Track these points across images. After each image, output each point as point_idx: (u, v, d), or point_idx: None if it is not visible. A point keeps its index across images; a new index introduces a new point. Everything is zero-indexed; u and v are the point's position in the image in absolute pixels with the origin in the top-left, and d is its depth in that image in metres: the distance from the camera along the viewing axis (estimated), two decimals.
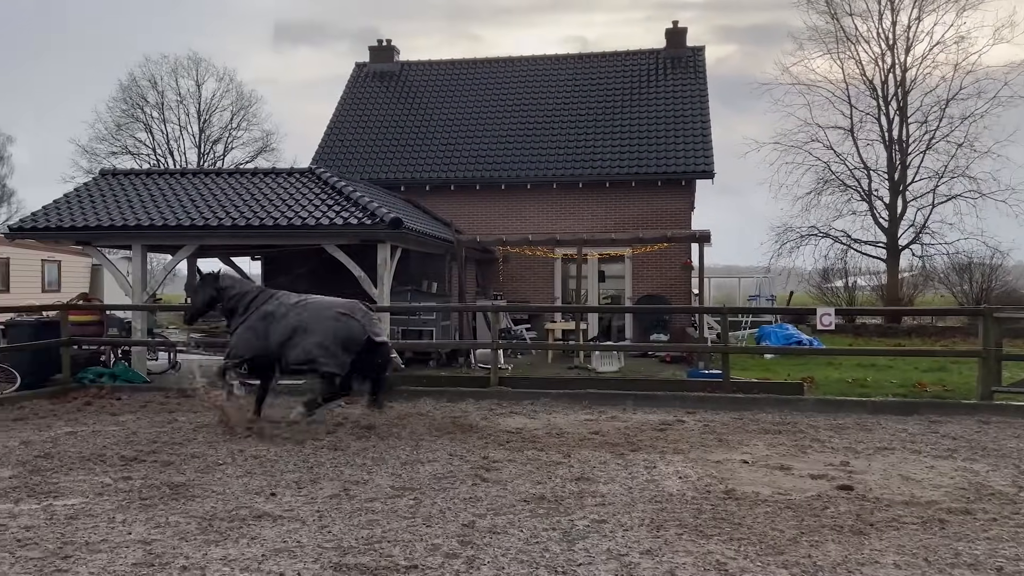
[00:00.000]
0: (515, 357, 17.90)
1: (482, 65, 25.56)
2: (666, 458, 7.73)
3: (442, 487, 6.64)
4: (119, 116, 42.84)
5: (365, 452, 8.01)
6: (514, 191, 21.33)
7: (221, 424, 9.19)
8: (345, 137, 23.52)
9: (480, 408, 10.81)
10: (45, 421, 9.81)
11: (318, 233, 13.58)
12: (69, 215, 14.14)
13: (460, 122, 23.40)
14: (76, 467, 7.30)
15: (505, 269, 20.82)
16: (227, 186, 15.13)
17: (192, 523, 5.61)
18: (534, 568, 4.75)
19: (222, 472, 7.14)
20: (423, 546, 5.14)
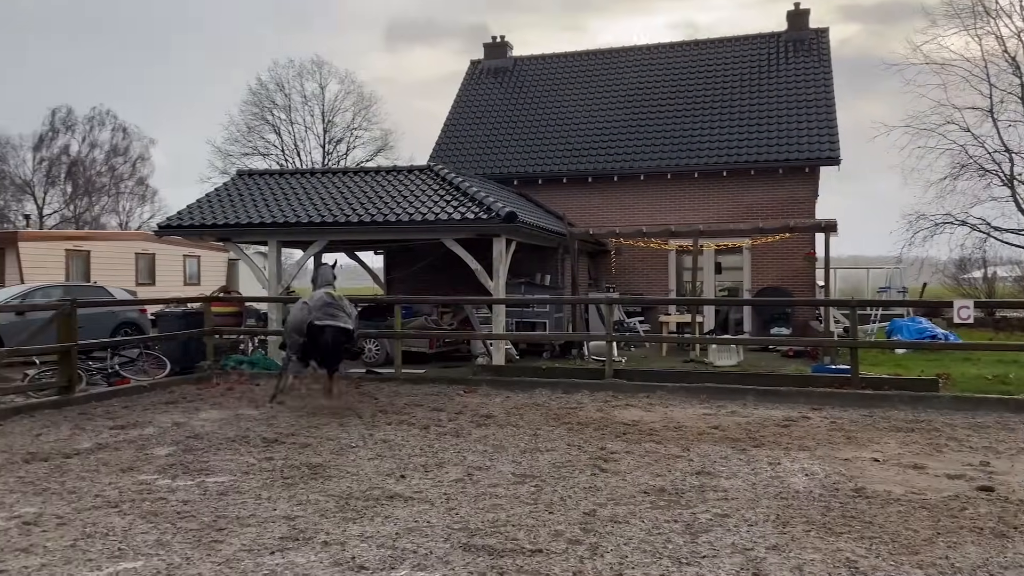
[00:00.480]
0: (628, 350, 17.81)
1: (594, 57, 25.47)
2: (791, 454, 7.55)
3: (562, 476, 6.76)
4: (250, 119, 45.37)
5: (485, 439, 8.25)
6: (627, 182, 21.18)
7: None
8: (460, 133, 24.03)
9: (595, 400, 10.87)
10: (193, 404, 10.62)
11: (437, 228, 14.00)
12: (211, 213, 15.19)
13: (572, 114, 23.43)
14: (223, 447, 7.90)
15: (618, 261, 20.72)
16: (352, 184, 15.82)
17: (330, 501, 5.98)
18: (657, 558, 4.79)
19: (354, 454, 7.54)
20: (546, 532, 5.28)
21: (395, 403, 10.58)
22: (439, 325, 16.48)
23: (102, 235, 28.63)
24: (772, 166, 19.90)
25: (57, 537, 5.17)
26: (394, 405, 10.41)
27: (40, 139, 54.98)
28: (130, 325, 17.35)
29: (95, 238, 26.70)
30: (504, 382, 12.19)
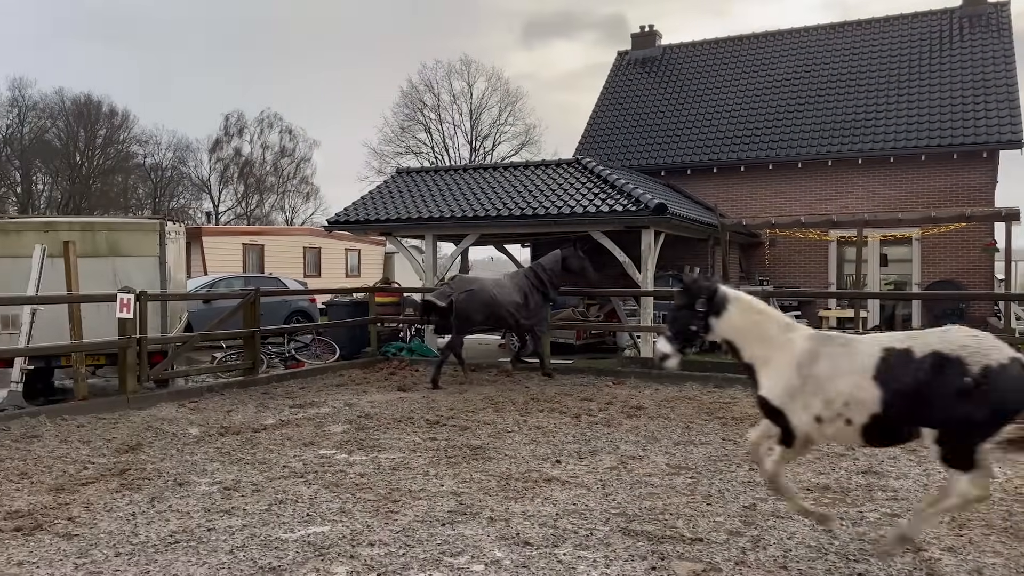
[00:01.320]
0: None
1: (747, 42, 24.63)
2: None
3: (718, 469, 6.73)
4: (402, 120, 47.42)
5: (637, 430, 8.31)
6: (783, 170, 20.38)
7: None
8: (607, 125, 23.99)
9: (749, 395, 10.59)
10: (360, 387, 11.37)
11: (585, 220, 14.13)
12: (373, 209, 16.11)
13: (723, 102, 22.81)
14: (391, 427, 8.44)
15: (772, 253, 20.01)
16: (503, 179, 16.26)
17: (492, 481, 6.28)
18: (823, 553, 4.71)
19: (511, 439, 7.84)
20: (706, 522, 5.31)
21: (545, 392, 10.84)
22: (586, 317, 16.62)
23: (274, 231, 30.99)
24: (945, 151, 18.50)
25: (253, 502, 5.77)
26: (544, 394, 10.66)
27: (216, 142, 60.08)
28: (301, 313, 18.72)
29: (268, 233, 28.94)
30: (653, 374, 12.16)
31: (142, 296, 9.68)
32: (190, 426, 8.45)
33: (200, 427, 8.41)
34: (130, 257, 10.40)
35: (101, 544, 4.84)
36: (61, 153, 56.11)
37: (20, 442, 7.60)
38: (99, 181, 57.69)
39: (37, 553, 4.68)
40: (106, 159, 58.16)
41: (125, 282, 9.86)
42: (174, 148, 60.51)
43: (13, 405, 9.24)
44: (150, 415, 8.90)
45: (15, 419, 8.38)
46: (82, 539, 4.93)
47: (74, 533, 5.04)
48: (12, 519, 5.29)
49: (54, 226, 10.36)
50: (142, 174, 60.12)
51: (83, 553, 4.68)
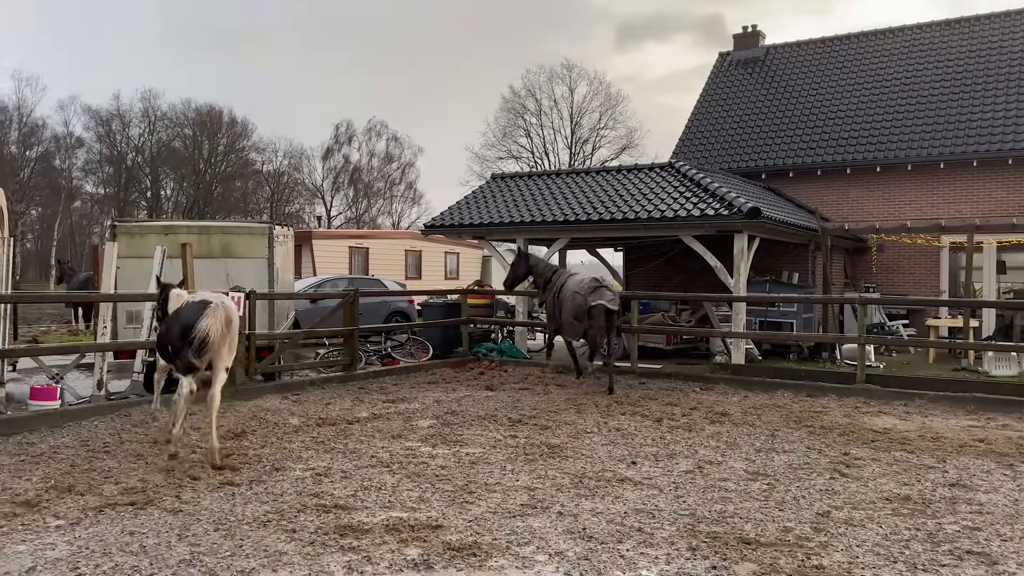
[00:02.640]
0: (888, 355, 16.51)
1: (855, 40, 23.73)
2: None
3: (797, 477, 6.66)
4: (504, 125, 48.14)
5: (718, 436, 8.29)
6: (891, 173, 19.55)
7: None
8: (706, 127, 23.65)
9: (843, 405, 10.36)
10: (450, 385, 11.77)
11: (676, 224, 14.06)
12: (468, 213, 16.58)
13: (829, 103, 22.07)
14: (475, 424, 8.75)
15: (879, 259, 19.22)
16: (595, 183, 16.38)
17: (566, 479, 6.47)
18: (891, 562, 4.65)
19: (589, 439, 8.00)
20: (775, 527, 5.31)
21: (629, 395, 10.90)
22: (676, 322, 16.50)
23: (378, 234, 32.18)
24: None
25: (341, 487, 6.18)
26: (628, 397, 10.73)
27: (327, 150, 62.78)
28: (399, 313, 19.44)
29: (372, 237, 30.10)
30: (743, 381, 12.00)
31: (251, 295, 10.40)
32: (290, 416, 9.04)
33: (299, 418, 8.98)
34: (241, 258, 11.18)
35: (202, 520, 5.33)
36: (187, 160, 60.09)
37: (139, 427, 8.35)
38: (221, 187, 61.40)
39: (147, 525, 5.21)
40: (227, 166, 61.86)
41: (236, 281, 10.61)
42: (289, 156, 63.72)
43: (134, 394, 10.12)
44: (255, 406, 9.55)
45: (136, 406, 9.19)
46: (186, 515, 5.44)
47: (179, 509, 5.56)
48: (127, 494, 5.88)
49: (173, 229, 11.28)
50: (260, 180, 63.55)
51: (185, 527, 5.18)
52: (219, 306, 6.81)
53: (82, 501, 5.69)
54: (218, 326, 6.70)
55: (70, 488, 5.97)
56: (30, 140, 56.07)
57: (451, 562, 4.62)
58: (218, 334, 6.69)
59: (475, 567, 4.56)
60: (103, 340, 9.84)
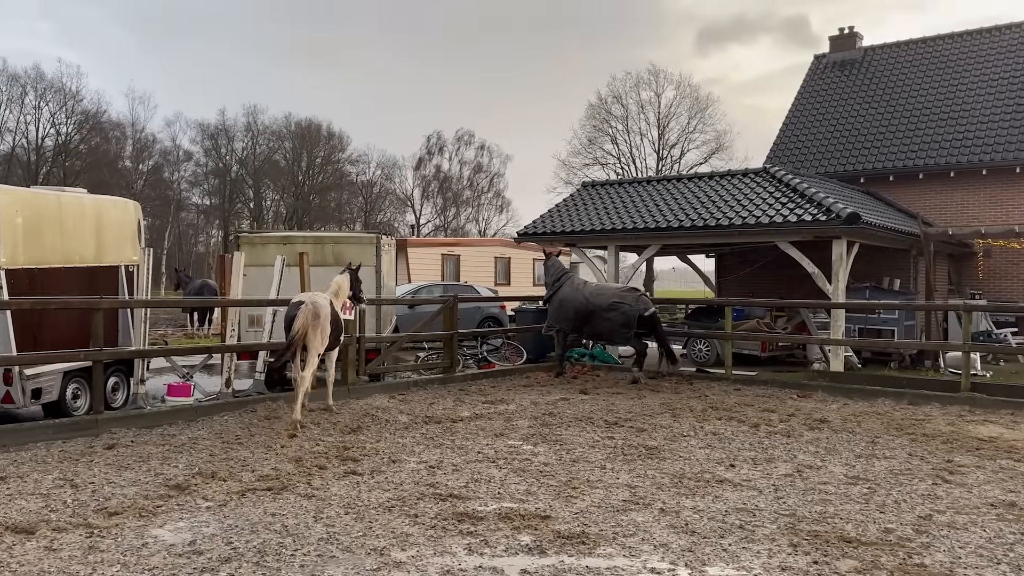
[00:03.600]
0: (996, 364, 15.91)
1: (956, 40, 22.91)
2: None
3: (899, 482, 6.70)
4: (590, 131, 48.34)
5: (818, 442, 8.34)
6: (999, 176, 18.82)
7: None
8: (802, 131, 23.29)
9: (947, 413, 10.17)
10: (545, 388, 12.14)
11: (771, 231, 14.02)
12: (560, 221, 16.95)
13: (930, 104, 21.40)
14: (572, 425, 9.08)
15: (985, 265, 18.52)
16: (686, 190, 16.47)
17: (665, 478, 6.72)
18: (995, 563, 4.72)
19: (686, 442, 8.21)
20: (875, 528, 5.43)
21: (725, 401, 11.00)
22: (771, 329, 16.37)
23: (469, 242, 32.94)
24: None
25: (454, 479, 6.62)
26: (724, 403, 10.83)
27: (419, 160, 64.43)
28: (492, 319, 19.97)
29: (463, 244, 30.86)
30: (842, 389, 11.89)
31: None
32: (399, 414, 9.60)
33: (408, 416, 9.53)
34: None
35: (333, 504, 5.86)
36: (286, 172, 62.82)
37: (264, 422, 9.06)
38: (318, 197, 63.87)
39: (285, 508, 5.77)
40: (324, 177, 64.29)
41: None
42: (382, 166, 65.71)
43: (257, 392, 10.92)
44: (367, 404, 10.17)
45: (260, 403, 9.94)
46: (318, 499, 5.99)
47: (312, 495, 6.12)
48: (264, 481, 6.49)
49: (291, 240, 12.10)
50: (354, 190, 65.79)
51: (320, 510, 5.71)
52: (308, 304, 8.69)
53: (225, 486, 6.32)
54: (302, 319, 8.55)
55: (213, 475, 6.63)
56: (142, 154, 59.86)
57: (562, 548, 4.97)
58: (305, 325, 8.54)
59: (584, 554, 4.89)
60: (231, 342, 10.67)
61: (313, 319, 8.61)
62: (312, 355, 8.71)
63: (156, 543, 5.02)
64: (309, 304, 8.67)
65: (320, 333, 8.67)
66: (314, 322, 8.61)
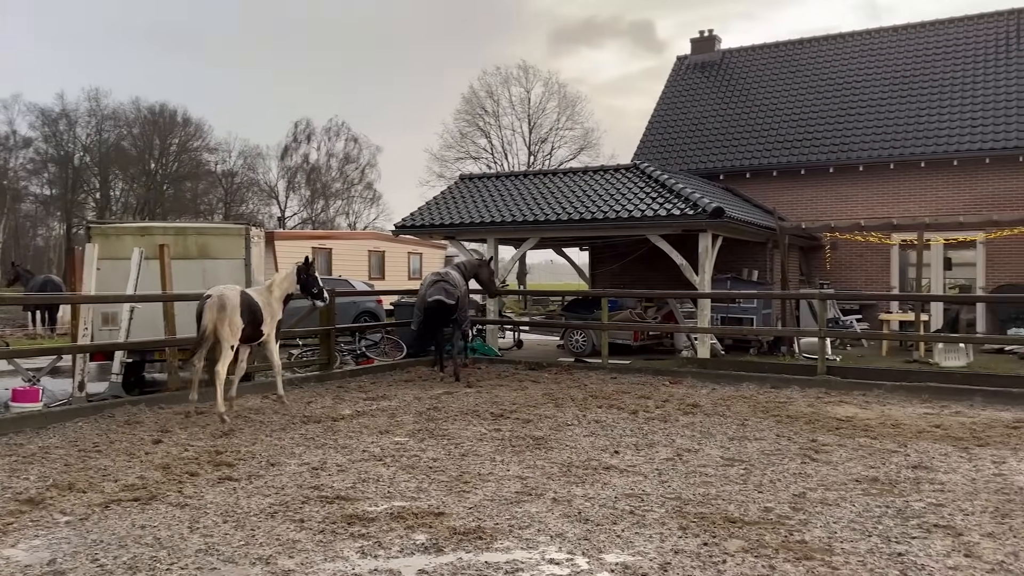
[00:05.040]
0: (844, 348, 17.19)
1: (808, 45, 24.57)
2: (1018, 455, 7.27)
3: (771, 462, 7.05)
4: (462, 126, 48.30)
5: (693, 426, 8.66)
6: (844, 174, 20.34)
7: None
8: (666, 130, 24.23)
9: (806, 395, 10.85)
10: (427, 383, 11.97)
11: (643, 224, 14.48)
12: (438, 214, 16.77)
13: (783, 106, 22.83)
14: (458, 419, 8.98)
15: (833, 257, 19.97)
16: (562, 184, 16.72)
17: (554, 468, 6.75)
18: (867, 535, 5.03)
19: (571, 431, 8.29)
20: (756, 507, 5.67)
21: (604, 389, 11.24)
22: (643, 319, 16.94)
23: (341, 234, 32.07)
24: (1010, 153, 18.23)
25: (340, 480, 6.36)
26: (603, 391, 11.07)
27: (285, 149, 62.10)
28: (369, 314, 19.52)
29: (335, 237, 30.01)
30: (709, 374, 12.44)
31: None
32: (274, 415, 9.15)
33: (284, 416, 9.09)
34: (218, 259, 11.20)
35: (210, 513, 5.47)
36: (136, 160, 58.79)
37: (124, 427, 8.38)
38: (172, 187, 60.24)
39: (156, 519, 5.33)
40: (179, 166, 60.70)
41: (214, 283, 10.60)
42: (244, 155, 62.80)
43: (113, 395, 10.10)
44: (238, 405, 9.61)
45: (118, 407, 9.20)
46: (193, 508, 5.57)
47: (185, 503, 5.69)
48: (129, 491, 5.97)
49: (149, 230, 11.25)
50: (213, 180, 62.52)
51: (195, 520, 5.31)
52: (214, 297, 8.62)
53: (85, 498, 5.77)
54: (211, 313, 8.53)
55: (71, 486, 6.04)
56: None
57: (459, 545, 4.86)
58: (213, 319, 8.53)
59: (483, 549, 4.80)
60: (83, 342, 9.80)
61: (220, 311, 8.57)
62: (225, 347, 8.65)
63: (9, 565, 4.49)
64: (215, 297, 8.64)
65: (229, 325, 8.60)
66: (220, 314, 8.57)
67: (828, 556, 4.67)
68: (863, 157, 20.01)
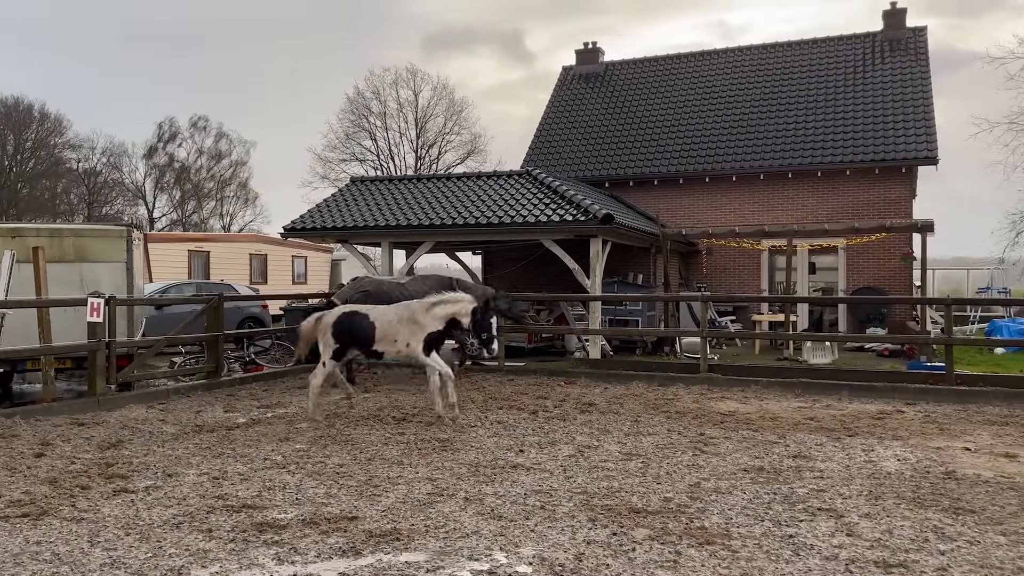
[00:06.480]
0: (720, 348, 18.18)
1: (685, 60, 25.81)
2: (884, 443, 7.98)
3: (666, 455, 7.43)
4: (348, 127, 47.44)
5: (590, 423, 8.98)
6: (719, 183, 21.50)
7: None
8: (554, 137, 24.80)
9: (691, 392, 11.44)
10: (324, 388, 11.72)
11: (537, 229, 14.80)
12: (331, 217, 16.48)
13: (664, 117, 23.87)
14: (361, 424, 8.91)
15: (710, 261, 21.07)
16: (456, 188, 16.82)
17: (463, 468, 6.85)
18: (759, 520, 5.43)
19: (475, 432, 8.42)
20: (657, 498, 5.98)
21: (502, 391, 11.44)
22: (536, 321, 17.29)
23: (220, 237, 30.83)
24: (868, 166, 19.86)
25: (244, 488, 6.21)
26: (502, 393, 11.26)
27: (150, 148, 58.89)
28: (254, 319, 18.89)
29: (214, 240, 28.80)
30: (601, 374, 12.88)
31: (111, 300, 9.91)
32: (164, 425, 8.77)
33: (174, 426, 8.73)
34: (97, 263, 10.59)
35: (110, 526, 5.22)
36: None
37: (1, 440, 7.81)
38: (28, 185, 55.93)
39: (51, 535, 5.04)
40: (36, 163, 56.44)
41: (92, 287, 10.07)
42: (108, 154, 59.10)
43: None
44: (122, 415, 9.16)
45: None
46: (90, 522, 5.30)
47: (81, 518, 5.40)
48: (16, 507, 5.61)
49: (21, 232, 10.49)
50: (74, 179, 58.49)
51: (95, 533, 5.06)
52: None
53: None
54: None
55: None
56: None
57: (377, 547, 4.88)
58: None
59: (401, 550, 4.84)
60: None
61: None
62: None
63: None
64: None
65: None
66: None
67: (727, 540, 5.01)
68: (736, 168, 21.24)
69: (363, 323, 9.17)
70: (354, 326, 9.15)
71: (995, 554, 4.76)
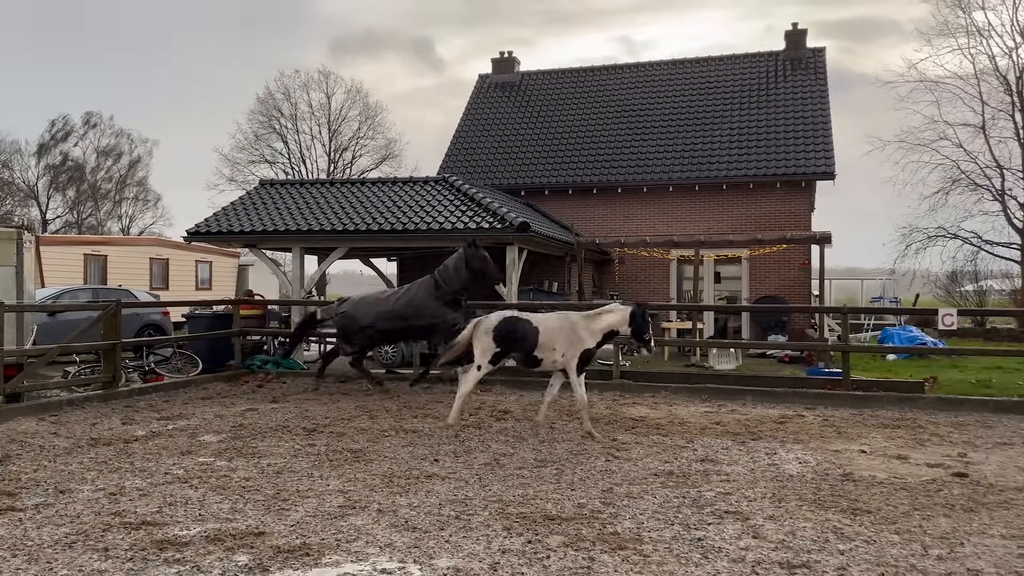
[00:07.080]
0: (631, 354, 18.54)
1: (598, 73, 26.34)
2: (786, 446, 8.30)
3: (579, 461, 7.51)
4: (257, 127, 46.16)
5: (506, 431, 8.99)
6: (630, 194, 21.99)
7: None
8: (470, 145, 24.84)
9: (604, 398, 11.61)
10: (228, 400, 11.34)
11: (454, 236, 14.73)
12: (237, 220, 15.94)
13: (578, 128, 24.26)
14: (268, 435, 8.63)
15: (621, 270, 21.50)
16: (371, 194, 16.59)
17: (376, 479, 6.72)
18: (670, 524, 5.54)
19: (389, 442, 8.28)
20: (571, 504, 6.02)
21: (417, 400, 11.31)
22: None
23: (118, 240, 29.43)
24: (770, 180, 20.72)
25: (143, 504, 5.90)
26: (416, 402, 11.14)
27: (42, 146, 55.70)
28: (153, 326, 18.07)
29: (112, 243, 27.46)
30: (516, 382, 12.88)
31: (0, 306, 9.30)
32: (56, 438, 8.26)
33: (68, 439, 8.24)
34: None
35: None
36: None
37: None
38: None
39: None
40: None
41: None
42: None
43: None
44: (9, 428, 8.58)
45: None
46: None
47: None
48: None
49: None
50: None
51: None
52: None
53: None
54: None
55: None
56: None
57: (286, 563, 4.72)
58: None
59: (310, 565, 4.70)
60: None
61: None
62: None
63: None
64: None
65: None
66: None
67: (639, 545, 5.09)
68: (646, 180, 21.78)
69: (527, 328, 8.94)
70: (518, 330, 8.92)
71: (890, 552, 5.00)
